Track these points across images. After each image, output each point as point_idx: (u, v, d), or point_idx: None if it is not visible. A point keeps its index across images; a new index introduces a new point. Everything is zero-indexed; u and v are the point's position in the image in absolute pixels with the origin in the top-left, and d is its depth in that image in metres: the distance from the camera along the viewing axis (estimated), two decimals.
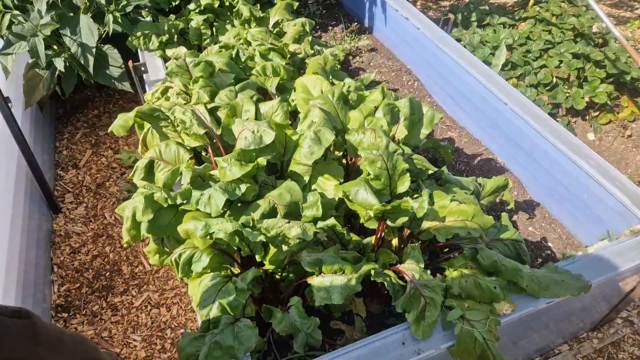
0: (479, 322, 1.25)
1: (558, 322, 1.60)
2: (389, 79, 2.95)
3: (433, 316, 1.23)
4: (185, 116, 1.70)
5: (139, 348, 1.78)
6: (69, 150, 2.56)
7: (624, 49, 2.61)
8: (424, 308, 1.23)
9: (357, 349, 1.22)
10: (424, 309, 1.23)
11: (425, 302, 1.24)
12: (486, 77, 2.26)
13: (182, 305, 1.91)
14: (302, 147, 1.54)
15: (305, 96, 1.95)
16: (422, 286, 1.26)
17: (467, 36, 2.96)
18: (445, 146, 1.99)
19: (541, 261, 1.95)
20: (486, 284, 1.27)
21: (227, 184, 1.44)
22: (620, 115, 2.63)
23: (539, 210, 2.15)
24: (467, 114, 2.52)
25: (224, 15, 2.85)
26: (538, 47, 2.79)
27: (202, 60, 2.08)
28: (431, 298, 1.25)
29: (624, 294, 1.67)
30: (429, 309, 1.24)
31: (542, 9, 3.14)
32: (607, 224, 1.79)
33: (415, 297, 1.25)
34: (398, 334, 1.26)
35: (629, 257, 1.47)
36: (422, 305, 1.23)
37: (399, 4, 2.88)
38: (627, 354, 1.76)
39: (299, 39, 2.61)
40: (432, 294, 1.25)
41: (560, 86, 2.62)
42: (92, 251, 2.09)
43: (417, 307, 1.24)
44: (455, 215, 1.37)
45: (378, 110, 1.89)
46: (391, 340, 1.25)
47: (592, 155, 1.84)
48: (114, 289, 1.96)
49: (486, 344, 1.20)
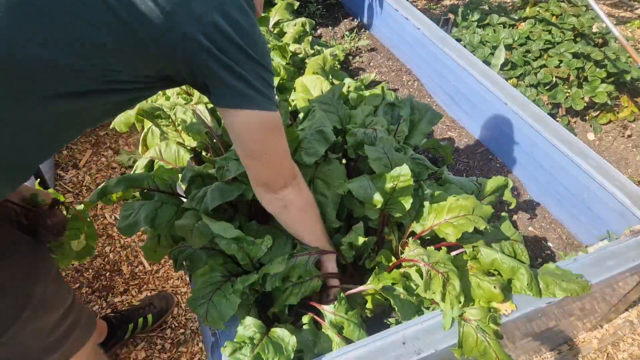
0: (480, 320, 1.25)
1: (558, 322, 1.60)
2: (389, 79, 2.95)
3: (455, 289, 1.23)
4: (186, 115, 1.70)
5: (139, 348, 1.78)
6: (68, 150, 2.56)
7: (624, 49, 2.61)
8: (445, 284, 1.23)
9: (357, 349, 1.22)
10: (445, 285, 1.23)
11: (444, 278, 1.23)
12: (486, 77, 2.26)
13: (182, 305, 1.91)
14: (302, 147, 1.54)
15: (305, 96, 1.95)
16: (436, 264, 1.26)
17: (467, 36, 2.96)
18: (446, 146, 1.99)
19: (541, 261, 1.95)
20: (486, 284, 1.27)
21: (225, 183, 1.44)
22: (620, 115, 2.63)
23: (539, 210, 2.15)
24: (467, 114, 2.52)
25: None
26: (538, 47, 2.79)
27: None
28: (447, 272, 1.24)
29: (624, 294, 1.67)
30: (450, 283, 1.23)
31: (542, 9, 3.14)
32: (607, 224, 1.80)
33: (434, 277, 1.25)
34: (398, 334, 1.26)
35: (629, 257, 1.47)
36: (443, 281, 1.23)
37: (399, 3, 2.88)
38: (627, 354, 1.76)
39: (299, 39, 2.61)
40: (446, 269, 1.25)
41: (560, 86, 2.62)
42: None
43: (438, 285, 1.23)
44: (456, 211, 1.37)
45: (378, 110, 1.89)
46: (391, 340, 1.25)
47: (592, 155, 1.84)
48: (114, 289, 1.96)
49: (488, 342, 1.20)
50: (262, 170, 1.12)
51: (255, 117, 0.99)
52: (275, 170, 1.14)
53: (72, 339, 1.16)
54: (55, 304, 1.09)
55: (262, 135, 1.03)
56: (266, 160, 1.09)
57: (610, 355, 1.76)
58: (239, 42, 0.89)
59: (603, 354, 1.76)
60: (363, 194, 1.39)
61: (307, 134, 1.55)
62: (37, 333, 1.05)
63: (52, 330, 1.09)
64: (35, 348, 1.07)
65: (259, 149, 1.06)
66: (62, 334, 1.13)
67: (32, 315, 1.00)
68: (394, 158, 1.50)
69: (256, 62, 0.94)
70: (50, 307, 1.07)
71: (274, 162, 1.11)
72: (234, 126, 1.01)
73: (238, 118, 0.99)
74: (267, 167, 1.12)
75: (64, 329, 1.13)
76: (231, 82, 0.92)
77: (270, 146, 1.07)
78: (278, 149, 1.10)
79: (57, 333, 1.11)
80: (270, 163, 1.11)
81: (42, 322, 1.05)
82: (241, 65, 0.91)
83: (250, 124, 1.00)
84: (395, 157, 1.50)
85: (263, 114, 0.99)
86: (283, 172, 1.17)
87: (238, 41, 0.89)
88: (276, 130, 1.06)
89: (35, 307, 1.01)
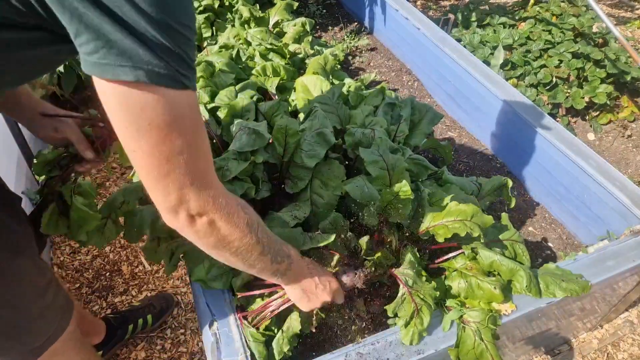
0: (479, 322, 1.25)
1: (558, 322, 1.60)
2: (389, 79, 2.95)
3: (422, 324, 1.22)
4: None
5: (139, 348, 1.78)
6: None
7: (624, 49, 2.61)
8: (413, 314, 1.23)
9: (357, 349, 1.23)
10: (413, 315, 1.23)
11: (416, 308, 1.23)
12: (486, 77, 2.26)
13: (182, 305, 1.91)
14: (303, 149, 1.54)
15: (305, 96, 1.95)
16: (414, 292, 1.26)
17: (467, 36, 2.96)
18: (446, 146, 1.99)
19: (541, 261, 1.95)
20: (486, 285, 1.27)
21: (226, 183, 1.44)
22: (620, 115, 2.63)
23: (539, 210, 2.15)
24: (467, 114, 2.52)
25: (224, 15, 2.85)
26: (538, 47, 2.79)
27: (202, 60, 2.08)
28: (422, 305, 1.23)
29: (624, 294, 1.67)
30: (419, 316, 1.23)
31: (542, 9, 3.14)
32: (607, 224, 1.79)
33: (407, 303, 1.25)
34: (398, 334, 1.26)
35: (629, 257, 1.47)
36: (412, 311, 1.23)
37: (399, 4, 2.88)
38: (627, 354, 1.76)
39: (299, 39, 2.61)
40: (423, 302, 1.24)
41: (560, 86, 2.62)
42: (92, 251, 2.09)
43: (407, 312, 1.23)
44: (455, 215, 1.37)
45: (378, 110, 1.89)
46: (391, 340, 1.25)
47: (592, 155, 1.84)
48: (114, 289, 1.96)
49: (485, 345, 1.20)
50: (140, 171, 0.76)
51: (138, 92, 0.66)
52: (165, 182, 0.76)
53: (48, 321, 1.11)
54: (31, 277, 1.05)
55: (141, 123, 0.68)
56: (149, 161, 0.73)
57: (610, 355, 1.76)
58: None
59: (603, 354, 1.76)
60: (360, 194, 1.39)
61: (308, 136, 1.55)
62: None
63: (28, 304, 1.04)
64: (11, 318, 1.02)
65: (142, 143, 0.70)
66: (38, 312, 1.07)
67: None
68: (390, 160, 1.50)
69: (155, 12, 0.63)
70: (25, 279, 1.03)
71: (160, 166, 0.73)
72: (104, 99, 0.68)
73: (106, 87, 0.66)
74: (146, 169, 0.74)
75: (40, 306, 1.07)
76: (103, 30, 0.62)
77: (164, 143, 0.71)
78: (172, 149, 0.72)
79: (32, 308, 1.05)
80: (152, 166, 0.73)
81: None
82: (122, 9, 0.61)
83: (128, 102, 0.66)
84: (391, 159, 1.50)
85: (154, 89, 0.66)
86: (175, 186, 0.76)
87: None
88: (174, 121, 0.70)
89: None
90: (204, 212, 0.80)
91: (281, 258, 1.01)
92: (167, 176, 0.74)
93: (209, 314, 1.31)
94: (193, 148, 0.74)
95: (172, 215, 0.79)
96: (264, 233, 0.95)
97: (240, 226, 0.87)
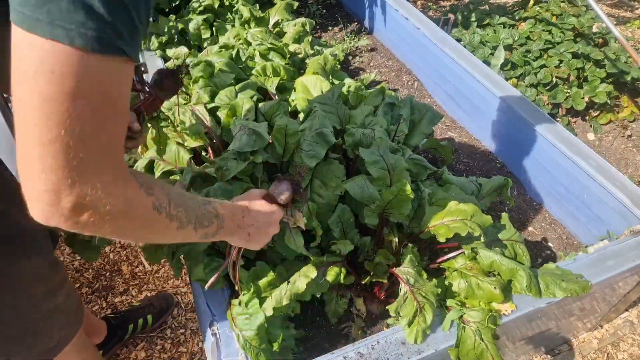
0: (479, 322, 1.25)
1: (558, 322, 1.60)
2: (389, 79, 2.95)
3: (425, 322, 1.23)
4: (185, 116, 1.70)
5: (139, 348, 1.78)
6: None
7: (624, 49, 2.61)
8: (416, 313, 1.23)
9: (357, 349, 1.23)
10: (416, 314, 1.23)
11: (418, 306, 1.23)
12: (486, 77, 2.26)
13: (182, 305, 1.91)
14: (302, 149, 1.54)
15: (305, 96, 1.95)
16: (416, 291, 1.26)
17: (467, 36, 2.96)
18: (446, 146, 1.99)
19: (541, 261, 1.95)
20: (486, 285, 1.27)
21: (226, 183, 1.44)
22: (620, 115, 2.63)
23: (539, 210, 2.15)
24: (467, 114, 2.52)
25: (224, 15, 2.85)
26: (538, 47, 2.79)
27: (202, 60, 2.08)
28: (424, 303, 1.24)
29: (624, 294, 1.67)
30: (422, 314, 1.23)
31: (542, 9, 3.14)
32: (607, 224, 1.79)
33: (409, 301, 1.25)
34: (398, 334, 1.26)
35: (629, 257, 1.48)
36: (415, 309, 1.23)
37: (399, 4, 2.88)
38: (627, 354, 1.76)
39: (299, 39, 2.61)
40: (425, 299, 1.25)
41: (560, 86, 2.62)
42: None
43: (410, 311, 1.23)
44: (455, 214, 1.37)
45: (378, 110, 1.88)
46: (391, 340, 1.25)
47: (592, 155, 1.84)
48: (114, 289, 1.96)
49: (485, 345, 1.20)
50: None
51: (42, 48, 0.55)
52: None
53: (59, 323, 1.11)
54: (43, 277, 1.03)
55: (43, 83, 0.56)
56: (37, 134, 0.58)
57: (610, 355, 1.76)
58: None
59: (603, 354, 1.76)
60: (360, 194, 1.39)
61: (307, 136, 1.55)
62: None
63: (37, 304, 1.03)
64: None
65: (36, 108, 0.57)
66: (46, 313, 1.06)
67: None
68: (390, 160, 1.50)
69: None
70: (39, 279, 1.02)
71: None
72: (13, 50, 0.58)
73: (16, 39, 0.57)
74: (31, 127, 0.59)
75: (50, 306, 1.06)
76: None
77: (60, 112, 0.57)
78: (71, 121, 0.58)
79: (42, 307, 1.04)
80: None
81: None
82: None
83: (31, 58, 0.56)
84: (391, 159, 1.50)
85: (57, 47, 0.55)
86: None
87: None
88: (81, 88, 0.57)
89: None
90: (92, 200, 0.63)
91: (208, 222, 0.90)
92: (52, 144, 0.57)
93: (209, 314, 1.31)
94: (99, 119, 0.61)
95: (51, 200, 0.60)
96: (179, 206, 0.81)
97: (144, 212, 0.73)
